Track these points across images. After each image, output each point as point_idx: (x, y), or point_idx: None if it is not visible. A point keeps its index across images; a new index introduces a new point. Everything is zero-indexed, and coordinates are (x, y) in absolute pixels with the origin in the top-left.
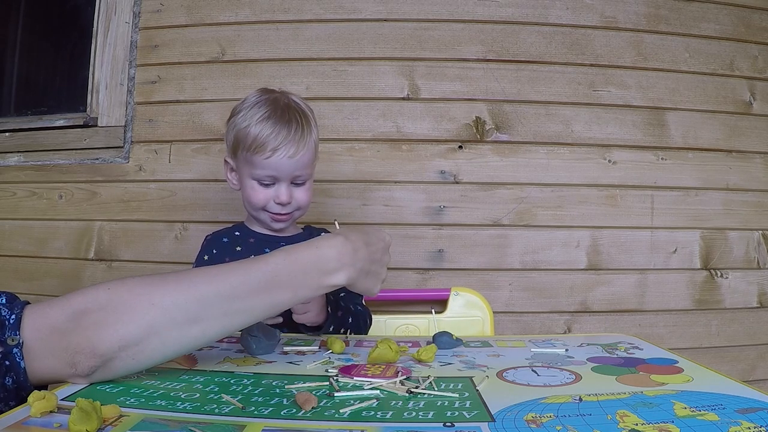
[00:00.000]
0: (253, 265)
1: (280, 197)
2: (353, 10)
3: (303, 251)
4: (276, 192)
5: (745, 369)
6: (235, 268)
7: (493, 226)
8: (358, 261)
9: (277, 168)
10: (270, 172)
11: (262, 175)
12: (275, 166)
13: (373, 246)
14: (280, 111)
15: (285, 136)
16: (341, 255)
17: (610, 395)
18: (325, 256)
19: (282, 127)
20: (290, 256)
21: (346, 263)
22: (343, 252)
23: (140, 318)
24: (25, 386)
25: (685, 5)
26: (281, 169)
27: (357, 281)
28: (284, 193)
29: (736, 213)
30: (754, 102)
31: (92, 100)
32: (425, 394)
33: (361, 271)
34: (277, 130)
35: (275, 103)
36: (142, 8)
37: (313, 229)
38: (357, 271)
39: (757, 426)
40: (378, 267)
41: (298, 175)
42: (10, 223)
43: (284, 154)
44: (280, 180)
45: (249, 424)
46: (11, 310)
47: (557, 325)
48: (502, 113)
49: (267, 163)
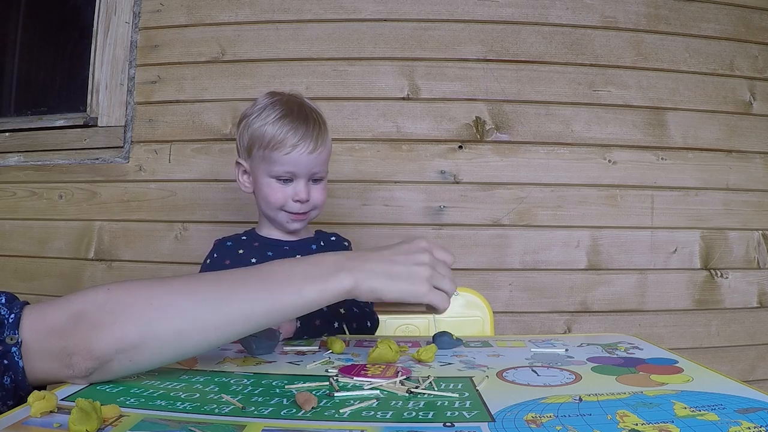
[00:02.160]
0: (252, 268)
1: (299, 194)
2: (353, 10)
3: (304, 258)
4: (294, 189)
5: (745, 369)
6: (234, 271)
7: (493, 226)
8: (362, 263)
9: (297, 164)
10: (289, 168)
11: (281, 172)
12: (295, 162)
13: (388, 249)
14: (296, 109)
15: (304, 131)
16: (338, 258)
17: (610, 395)
18: (324, 259)
19: (300, 123)
20: (291, 261)
21: (346, 267)
22: (340, 256)
23: (137, 319)
24: (23, 386)
25: (685, 5)
26: (300, 165)
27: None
28: (303, 189)
29: (736, 213)
30: (754, 102)
31: (92, 100)
32: (425, 394)
33: (371, 272)
34: (296, 126)
35: (289, 102)
36: (142, 8)
37: (323, 233)
38: (365, 274)
39: (757, 426)
40: (401, 267)
41: (315, 172)
42: (10, 223)
43: (304, 150)
44: (298, 177)
45: (249, 424)
46: (10, 309)
47: (557, 325)
48: (502, 113)
49: (287, 159)
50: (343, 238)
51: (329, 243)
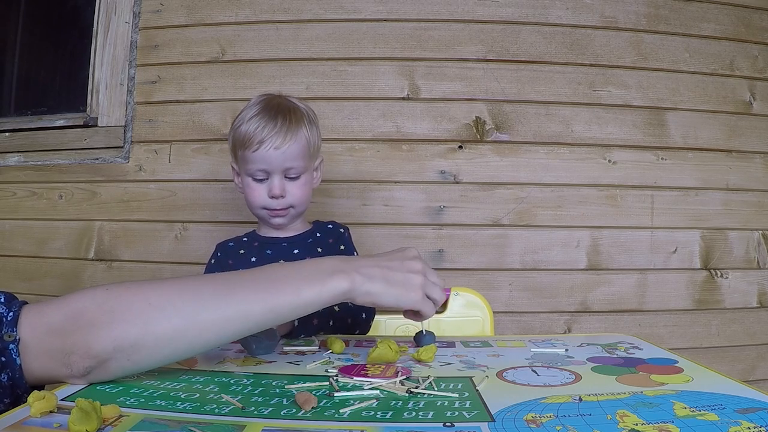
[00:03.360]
0: (251, 270)
1: (272, 190)
2: (353, 10)
3: (301, 261)
4: (269, 185)
5: (745, 369)
6: (232, 273)
7: (493, 226)
8: (360, 267)
9: (265, 160)
10: (260, 165)
11: (254, 169)
12: (262, 158)
13: (382, 257)
14: (269, 108)
15: (271, 128)
16: (336, 262)
17: (610, 395)
18: (322, 262)
19: (268, 121)
20: (289, 264)
21: (343, 269)
22: (338, 260)
23: (136, 318)
24: (20, 384)
25: (685, 5)
26: (269, 161)
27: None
28: (277, 185)
29: (736, 213)
30: (754, 102)
31: (92, 100)
32: (425, 394)
33: (366, 276)
34: (264, 122)
35: (267, 102)
36: (142, 8)
37: (321, 223)
38: (362, 277)
39: (757, 426)
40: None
41: (288, 167)
42: (10, 223)
43: (270, 146)
44: (272, 173)
45: (249, 424)
46: (9, 308)
47: (557, 325)
48: (502, 113)
49: (255, 156)
50: (340, 224)
51: (326, 231)
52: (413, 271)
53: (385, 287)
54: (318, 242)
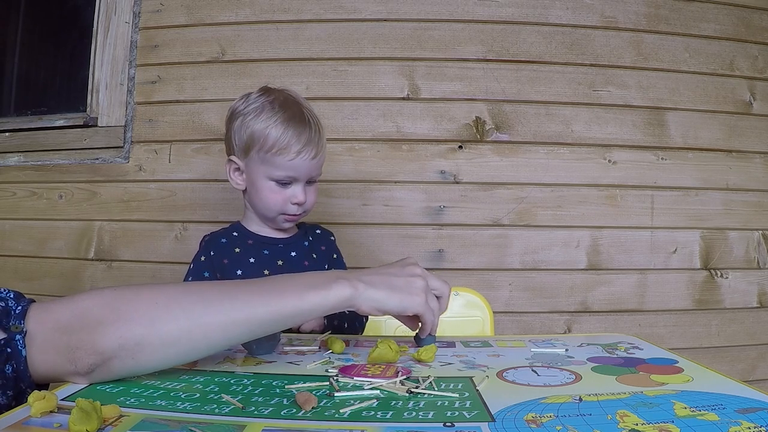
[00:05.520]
0: (255, 279)
1: (298, 197)
2: (353, 10)
3: (305, 273)
4: (293, 192)
5: (745, 369)
6: (237, 281)
7: (493, 226)
8: (361, 275)
9: (298, 169)
10: (291, 173)
11: (283, 176)
12: (297, 167)
13: (383, 267)
14: (298, 113)
15: (307, 138)
16: (339, 272)
17: (610, 395)
18: (325, 272)
19: (304, 128)
20: (293, 274)
21: (347, 277)
22: (339, 272)
23: (142, 317)
24: (24, 377)
25: (685, 5)
26: (301, 170)
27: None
28: (301, 192)
29: (736, 213)
30: (754, 102)
31: (92, 100)
32: (425, 394)
33: (369, 284)
34: (300, 131)
35: (287, 104)
36: (142, 8)
37: (307, 227)
38: (365, 284)
39: (757, 426)
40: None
41: (314, 175)
42: (10, 223)
43: (307, 156)
44: (298, 180)
45: (249, 424)
46: (18, 302)
47: (557, 325)
48: (502, 113)
49: (290, 164)
50: (327, 230)
51: (316, 236)
52: (414, 275)
53: (388, 293)
54: (312, 247)
